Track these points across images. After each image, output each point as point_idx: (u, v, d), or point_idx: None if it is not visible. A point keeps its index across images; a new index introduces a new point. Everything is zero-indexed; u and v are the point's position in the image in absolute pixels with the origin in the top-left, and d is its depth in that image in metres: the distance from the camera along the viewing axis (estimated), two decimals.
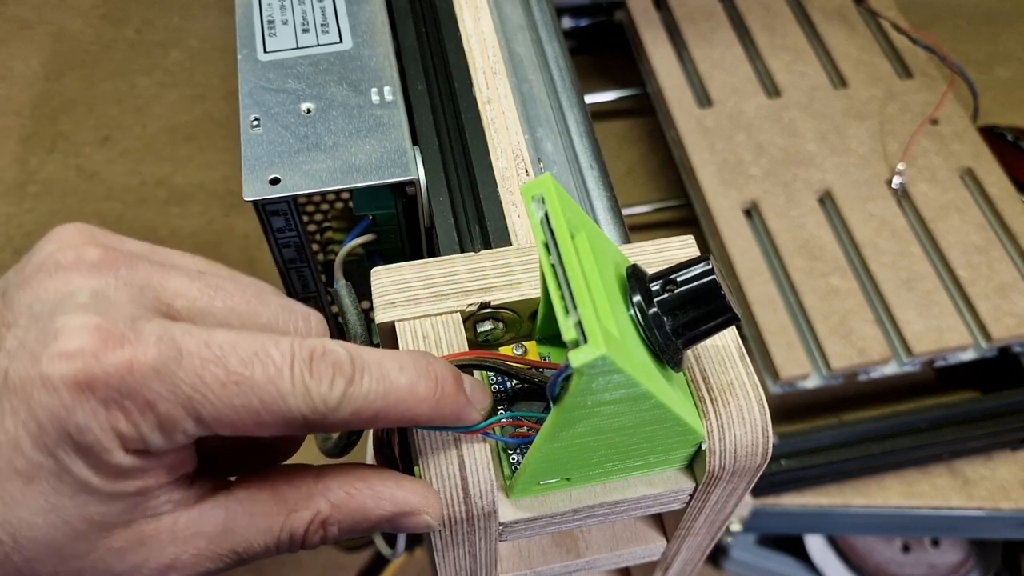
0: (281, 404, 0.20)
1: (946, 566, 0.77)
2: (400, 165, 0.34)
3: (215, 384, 0.20)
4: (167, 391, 0.20)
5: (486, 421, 0.26)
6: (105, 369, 0.19)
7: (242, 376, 0.20)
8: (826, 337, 0.62)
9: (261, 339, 0.21)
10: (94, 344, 0.19)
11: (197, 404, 0.20)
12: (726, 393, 0.26)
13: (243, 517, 0.23)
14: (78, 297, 0.20)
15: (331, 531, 0.24)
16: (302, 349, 0.21)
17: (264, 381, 0.20)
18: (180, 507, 0.22)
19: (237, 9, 0.40)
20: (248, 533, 0.23)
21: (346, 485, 0.23)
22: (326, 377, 0.21)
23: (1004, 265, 0.66)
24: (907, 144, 0.71)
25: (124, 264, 0.21)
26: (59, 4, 0.93)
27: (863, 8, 0.81)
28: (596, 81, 0.87)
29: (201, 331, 0.20)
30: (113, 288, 0.21)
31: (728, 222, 0.68)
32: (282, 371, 0.20)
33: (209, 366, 0.20)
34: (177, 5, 0.93)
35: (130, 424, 0.20)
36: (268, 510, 0.23)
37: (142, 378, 0.19)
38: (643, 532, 0.32)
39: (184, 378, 0.20)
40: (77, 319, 0.20)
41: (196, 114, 0.88)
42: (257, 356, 0.20)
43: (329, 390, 0.21)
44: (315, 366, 0.21)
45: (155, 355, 0.19)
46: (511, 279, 0.29)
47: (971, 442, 0.65)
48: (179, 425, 0.20)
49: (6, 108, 0.85)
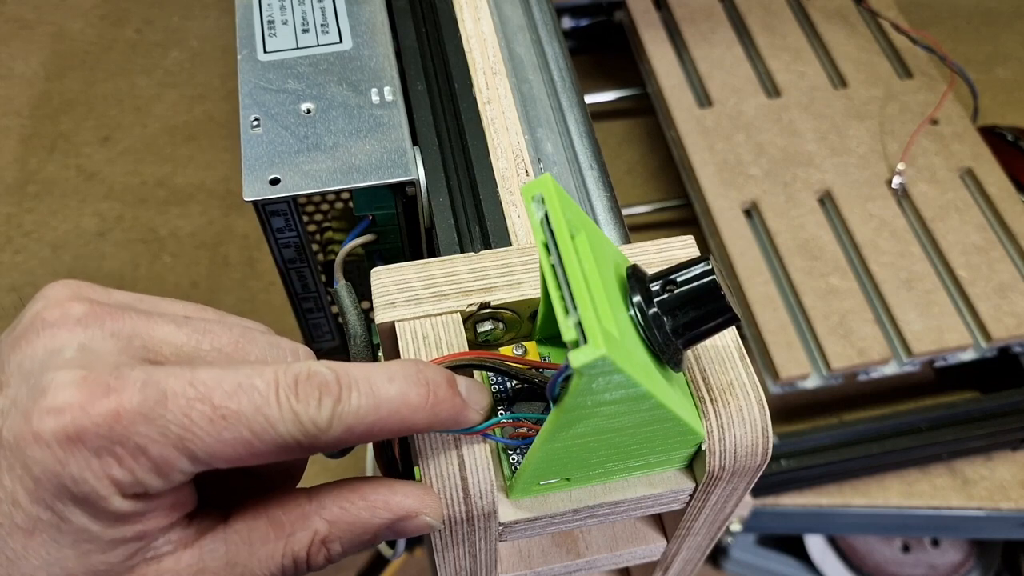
0: (272, 432, 0.21)
1: (946, 566, 0.77)
2: (400, 165, 0.34)
3: (202, 421, 0.20)
4: (157, 433, 0.20)
5: (486, 422, 0.26)
6: (93, 420, 0.20)
7: (228, 409, 0.20)
8: (826, 337, 0.62)
9: (244, 371, 0.21)
10: (80, 397, 0.20)
11: (188, 443, 0.20)
12: (726, 393, 0.26)
13: (244, 548, 0.23)
14: (65, 352, 0.21)
15: (333, 548, 0.24)
16: (286, 375, 0.21)
17: (251, 411, 0.20)
18: (181, 547, 0.22)
19: (237, 9, 0.40)
20: (251, 564, 0.23)
21: (339, 500, 0.24)
22: (313, 399, 0.21)
23: (1004, 265, 0.66)
24: (907, 144, 0.71)
25: (109, 316, 0.22)
26: (59, 4, 0.93)
27: (863, 8, 0.81)
28: (596, 81, 0.87)
29: (184, 371, 0.21)
30: (99, 340, 0.21)
31: (728, 222, 0.68)
32: (268, 399, 0.21)
33: (195, 404, 0.20)
34: (177, 5, 0.93)
35: (124, 470, 0.20)
36: (267, 537, 0.23)
37: (130, 423, 0.20)
38: (643, 532, 0.32)
39: (172, 419, 0.20)
40: (63, 375, 0.20)
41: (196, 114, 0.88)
42: (241, 387, 0.21)
43: (318, 411, 0.21)
44: (300, 389, 0.21)
45: (140, 400, 0.20)
46: (511, 279, 0.29)
47: (971, 442, 0.65)
48: (174, 465, 0.20)
49: (6, 108, 0.85)
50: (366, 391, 0.22)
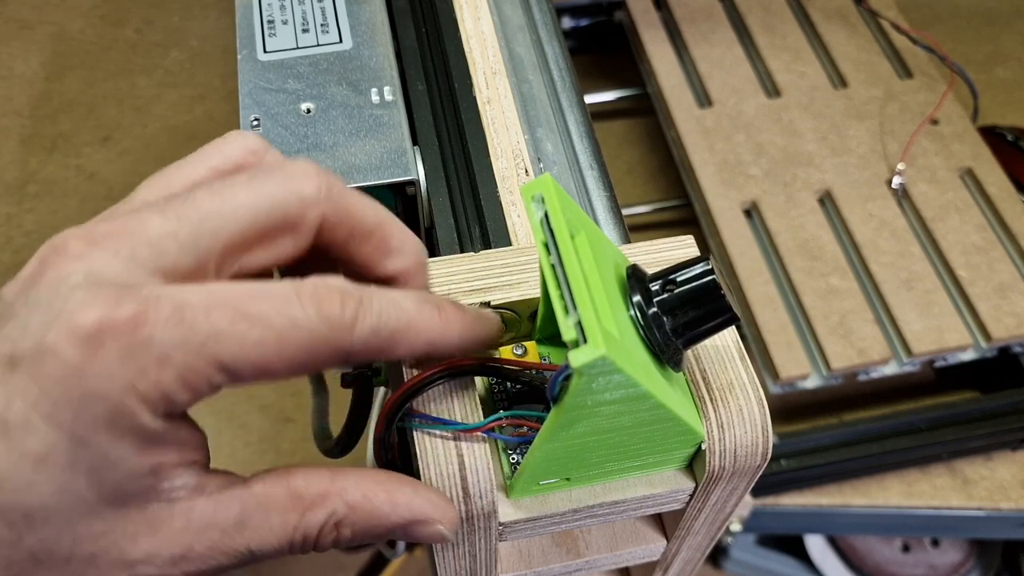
0: (297, 331, 0.21)
1: (946, 566, 0.77)
2: (400, 165, 0.34)
3: (224, 322, 0.20)
4: (179, 339, 0.19)
5: (486, 420, 0.26)
6: (113, 324, 0.19)
7: (250, 311, 0.20)
8: (826, 337, 0.62)
9: (262, 283, 0.21)
10: (98, 308, 0.19)
11: (215, 346, 0.20)
12: (726, 393, 0.26)
13: (258, 512, 0.22)
14: (72, 279, 0.20)
15: (344, 534, 0.23)
16: (304, 283, 0.21)
17: (274, 312, 0.20)
18: (195, 495, 0.22)
19: (237, 9, 0.40)
20: (262, 529, 0.22)
21: (363, 488, 0.23)
22: (335, 300, 0.21)
23: (1004, 265, 0.66)
24: (907, 144, 0.71)
25: (105, 237, 0.21)
26: (59, 4, 0.93)
27: (863, 8, 0.81)
28: (596, 81, 0.87)
29: (200, 286, 0.21)
30: (104, 264, 0.21)
31: (728, 222, 0.68)
32: (289, 299, 0.21)
33: (214, 308, 0.20)
34: (177, 5, 0.93)
35: (150, 381, 0.19)
36: (284, 507, 0.23)
37: (152, 331, 0.19)
38: (643, 532, 0.32)
39: (193, 323, 0.20)
40: (78, 294, 0.20)
41: (196, 114, 0.88)
42: (260, 292, 0.21)
43: (341, 310, 0.21)
44: (320, 291, 0.21)
45: (157, 309, 0.19)
46: (511, 279, 0.29)
47: (971, 442, 0.65)
48: (203, 374, 0.20)
49: (6, 108, 0.85)
50: (387, 300, 0.22)
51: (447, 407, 0.26)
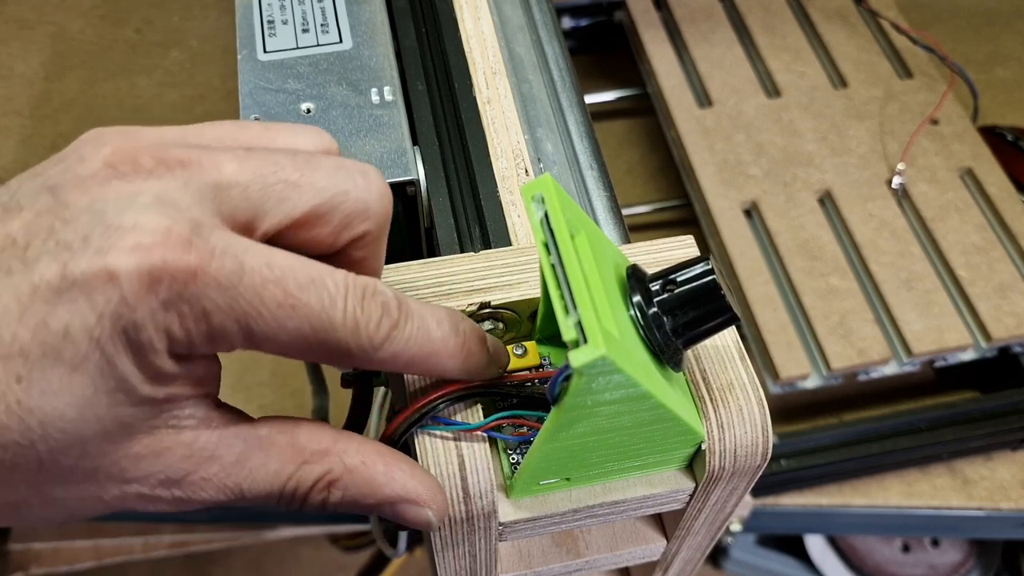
0: (331, 334, 0.21)
1: (946, 566, 0.77)
2: (400, 165, 0.34)
3: (272, 303, 0.20)
4: (225, 303, 0.20)
5: (486, 420, 0.26)
6: (171, 271, 0.19)
7: (299, 300, 0.21)
8: (826, 337, 0.62)
9: (319, 268, 0.21)
10: (163, 244, 0.20)
11: (252, 320, 0.20)
12: (726, 393, 0.26)
13: (258, 454, 0.23)
14: (142, 199, 0.20)
15: (334, 495, 0.24)
16: (355, 285, 0.22)
17: (318, 308, 0.21)
18: (202, 426, 0.22)
19: (237, 9, 0.40)
20: (258, 472, 0.23)
21: (363, 455, 0.24)
22: (375, 315, 0.22)
23: (1004, 265, 0.66)
24: (907, 144, 0.71)
25: (179, 165, 0.22)
26: (59, 4, 0.93)
27: (863, 8, 0.81)
28: (596, 81, 0.87)
29: (263, 250, 0.21)
30: (174, 191, 0.21)
31: (728, 222, 0.68)
32: (336, 302, 0.21)
33: (269, 285, 0.20)
34: (177, 5, 0.93)
35: (183, 329, 0.20)
36: (283, 455, 0.23)
37: (204, 287, 0.20)
38: (643, 532, 0.32)
39: (244, 293, 0.20)
40: (145, 218, 0.20)
41: (196, 114, 0.88)
42: (314, 283, 0.21)
43: (376, 329, 0.22)
44: (366, 303, 0.22)
45: (219, 266, 0.20)
46: (511, 279, 0.29)
47: (971, 442, 0.65)
48: (229, 337, 0.21)
49: (6, 108, 0.85)
50: (419, 326, 0.23)
51: (448, 406, 0.26)
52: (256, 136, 0.24)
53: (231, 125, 0.25)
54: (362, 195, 0.24)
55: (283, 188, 0.22)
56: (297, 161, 0.23)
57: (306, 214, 0.23)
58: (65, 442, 0.20)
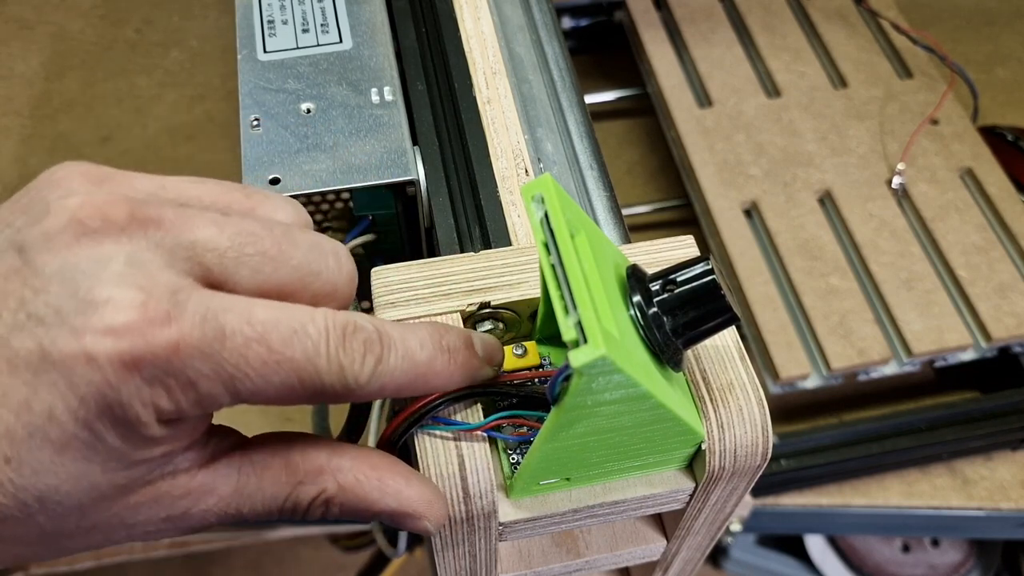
0: (317, 381, 0.21)
1: (946, 566, 0.77)
2: (400, 165, 0.34)
3: (257, 363, 0.20)
4: (210, 370, 0.20)
5: (486, 420, 0.26)
6: (152, 349, 0.19)
7: (283, 355, 0.21)
8: (826, 337, 0.62)
9: (299, 316, 0.21)
10: (139, 321, 0.19)
11: (238, 382, 0.20)
12: (726, 393, 0.26)
13: (253, 480, 0.23)
14: (113, 265, 0.20)
15: (332, 510, 0.24)
16: (335, 325, 0.22)
17: (303, 360, 0.21)
18: (196, 465, 0.22)
19: (237, 9, 0.40)
20: (255, 498, 0.23)
21: (357, 470, 0.24)
22: (358, 354, 0.22)
23: (1004, 265, 0.66)
24: (907, 144, 0.71)
25: (152, 223, 0.21)
26: (59, 4, 0.93)
27: (863, 8, 0.81)
28: (596, 81, 0.87)
29: (242, 306, 0.21)
30: (145, 251, 0.21)
31: (728, 222, 0.68)
32: (319, 349, 0.21)
33: (252, 345, 0.20)
34: (177, 5, 0.93)
35: (171, 401, 0.20)
36: (278, 478, 0.23)
37: (187, 358, 0.20)
38: (643, 532, 0.32)
39: (228, 357, 0.20)
40: (119, 292, 0.20)
41: (196, 114, 0.88)
42: (296, 334, 0.21)
43: (361, 368, 0.22)
44: (348, 343, 0.22)
45: (199, 335, 0.20)
46: (511, 279, 0.29)
47: (971, 442, 0.65)
48: (216, 400, 0.21)
49: (6, 108, 0.85)
50: (403, 354, 0.23)
51: (447, 407, 0.26)
52: (236, 202, 0.24)
53: (213, 185, 0.24)
54: (332, 277, 0.24)
55: (259, 260, 0.22)
56: (275, 234, 0.23)
57: (276, 288, 0.23)
58: (63, 511, 0.21)
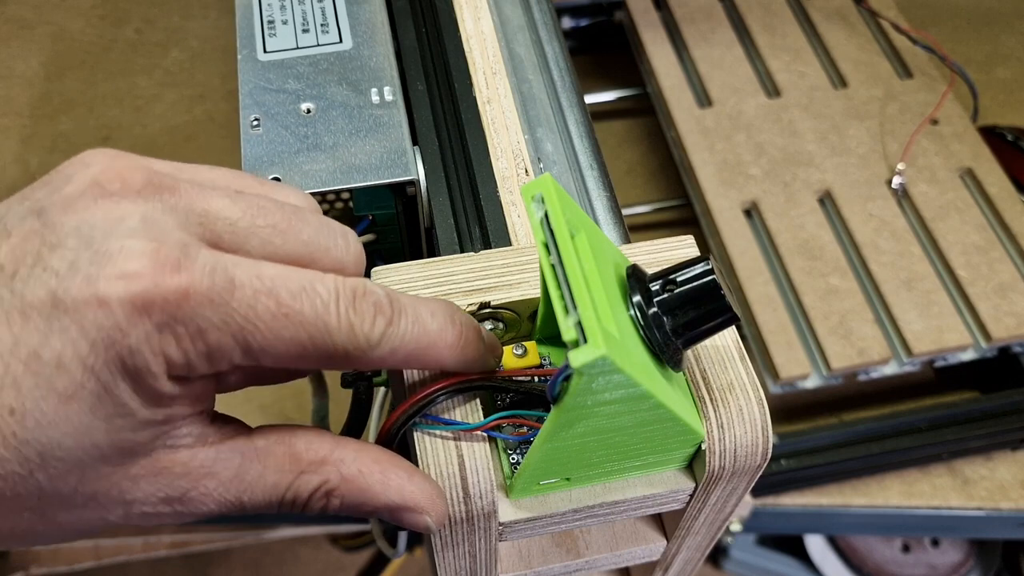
0: (327, 339, 0.21)
1: (946, 566, 0.77)
2: (400, 165, 0.34)
3: (266, 315, 0.21)
4: (219, 320, 0.20)
5: (486, 420, 0.26)
6: (163, 293, 0.20)
7: (292, 309, 0.21)
8: (826, 337, 0.62)
9: (308, 275, 0.22)
10: (152, 268, 0.20)
11: (248, 335, 0.20)
12: (726, 393, 0.26)
13: (256, 467, 0.23)
14: (129, 222, 0.20)
15: (333, 503, 0.24)
16: (346, 287, 0.22)
17: (312, 316, 0.21)
18: (199, 443, 0.22)
19: (237, 9, 0.40)
20: (256, 485, 0.23)
21: (360, 463, 0.24)
22: (368, 315, 0.22)
23: (1004, 265, 0.66)
24: (907, 144, 0.71)
25: (167, 189, 0.22)
26: (59, 4, 0.93)
27: (863, 8, 0.81)
28: (596, 81, 0.87)
29: (251, 263, 0.21)
30: (160, 213, 0.21)
31: (728, 222, 0.68)
32: (328, 306, 0.21)
33: (261, 297, 0.21)
34: (177, 5, 0.93)
35: (180, 350, 0.20)
36: (280, 467, 0.23)
37: (197, 305, 0.20)
38: (643, 532, 0.32)
39: (237, 308, 0.20)
40: (133, 243, 0.20)
41: (196, 114, 0.88)
42: (305, 291, 0.21)
43: (371, 328, 0.22)
44: (358, 304, 0.22)
45: (210, 284, 0.20)
46: (511, 279, 0.29)
47: (971, 442, 0.65)
48: (227, 354, 0.21)
49: (6, 108, 0.85)
50: (414, 320, 0.23)
51: (447, 407, 0.26)
52: (249, 186, 0.25)
53: (226, 171, 0.25)
54: (341, 255, 0.24)
55: (269, 232, 0.23)
56: (285, 210, 0.23)
57: (285, 260, 0.23)
58: (64, 469, 0.20)
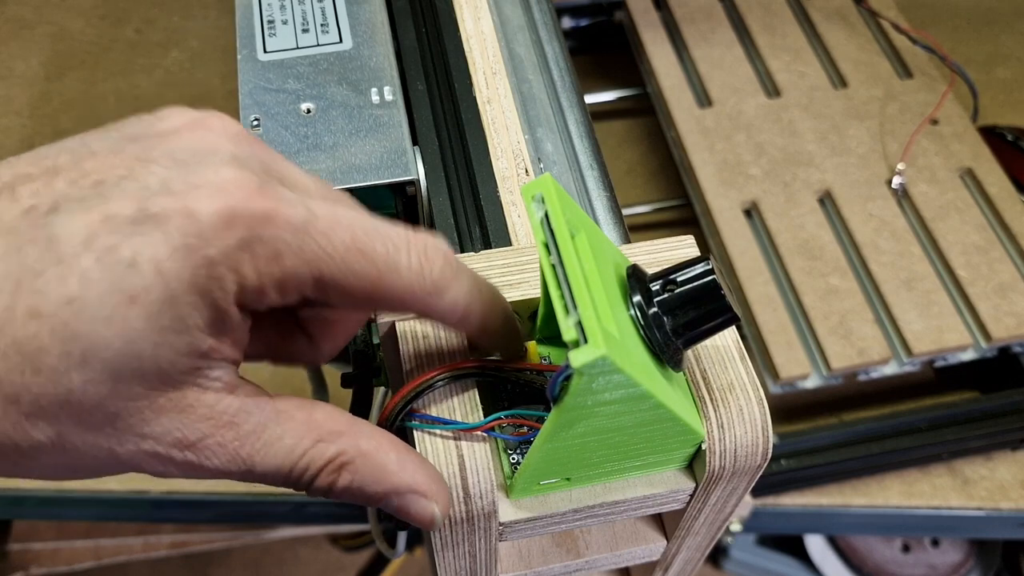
0: (396, 278, 0.22)
1: (946, 566, 0.77)
2: (400, 165, 0.34)
3: (341, 247, 0.21)
4: (297, 245, 0.21)
5: (486, 420, 0.26)
6: (248, 212, 0.20)
7: (366, 244, 0.22)
8: (826, 337, 0.62)
9: (379, 220, 0.23)
10: (242, 190, 0.20)
11: (322, 264, 0.21)
12: (726, 393, 0.26)
13: (274, 428, 0.23)
14: (222, 154, 0.22)
15: (343, 479, 0.23)
16: (416, 236, 0.23)
17: (384, 253, 0.22)
18: (225, 390, 0.22)
19: (237, 9, 0.40)
20: (273, 445, 0.23)
21: (375, 442, 0.24)
22: (437, 263, 0.23)
23: (1004, 265, 0.66)
24: (907, 144, 0.71)
25: (257, 144, 0.23)
26: (59, 4, 0.93)
27: (863, 8, 0.81)
28: (596, 81, 0.87)
29: (329, 204, 0.22)
30: (248, 157, 0.22)
31: (728, 222, 0.68)
32: (399, 247, 0.22)
33: (338, 230, 0.21)
34: (177, 5, 0.93)
35: (256, 271, 0.20)
36: (299, 430, 0.23)
37: (278, 229, 0.21)
38: (643, 532, 0.32)
39: (315, 236, 0.21)
40: (225, 170, 0.21)
41: None
42: (379, 231, 0.22)
43: (440, 274, 0.23)
44: (429, 252, 0.23)
45: (291, 211, 0.21)
46: (511, 279, 0.29)
47: (971, 442, 0.65)
48: (299, 281, 0.21)
49: (6, 108, 0.85)
50: (472, 278, 0.24)
51: (447, 407, 0.26)
52: None
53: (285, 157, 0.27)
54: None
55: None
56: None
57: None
58: (98, 376, 0.20)
